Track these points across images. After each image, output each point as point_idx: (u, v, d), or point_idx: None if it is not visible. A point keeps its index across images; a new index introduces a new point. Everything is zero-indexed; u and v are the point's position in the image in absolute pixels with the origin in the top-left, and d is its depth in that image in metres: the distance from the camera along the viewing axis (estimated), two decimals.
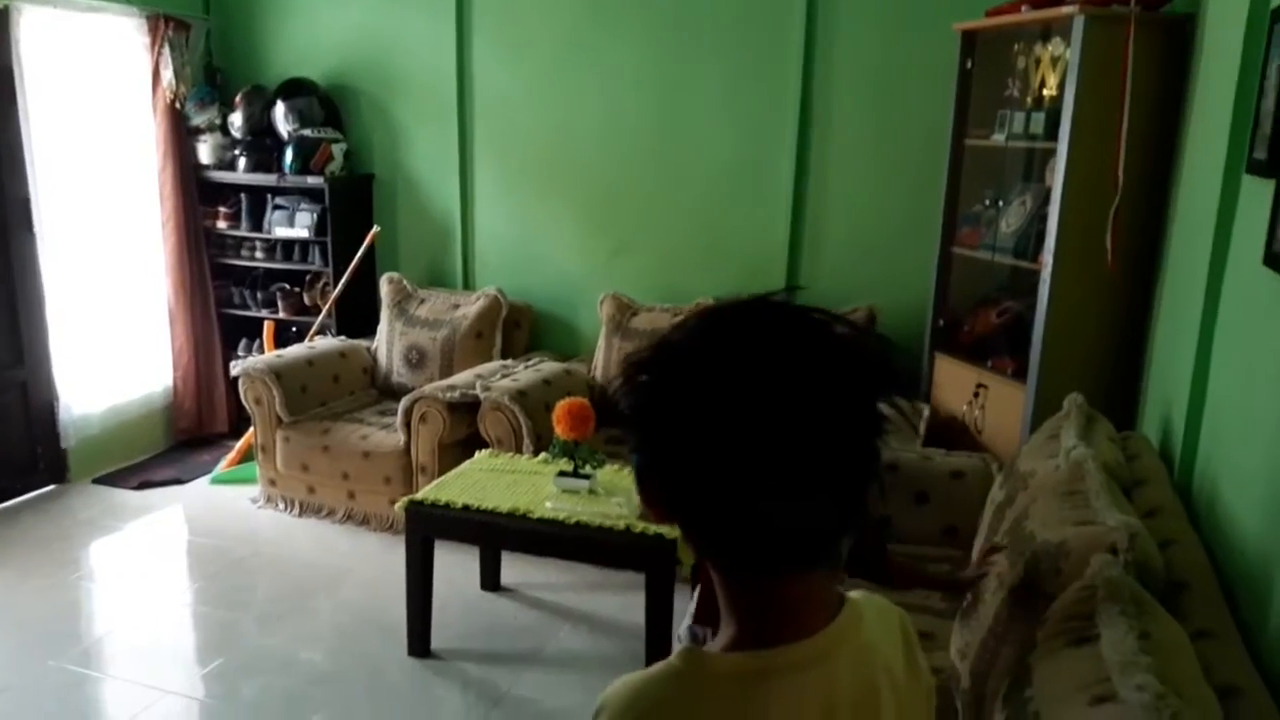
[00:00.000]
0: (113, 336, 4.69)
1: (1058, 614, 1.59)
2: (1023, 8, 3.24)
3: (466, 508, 3.01)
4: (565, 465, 3.15)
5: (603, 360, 4.24)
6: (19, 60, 4.12)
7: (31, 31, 4.17)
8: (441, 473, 3.62)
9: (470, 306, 4.48)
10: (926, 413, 3.60)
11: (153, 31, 4.64)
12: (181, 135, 4.79)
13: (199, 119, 4.85)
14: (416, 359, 4.45)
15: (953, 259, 3.74)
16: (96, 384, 4.60)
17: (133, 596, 3.55)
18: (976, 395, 3.55)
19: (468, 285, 4.83)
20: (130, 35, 4.61)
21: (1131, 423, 3.14)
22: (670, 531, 2.79)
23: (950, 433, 3.61)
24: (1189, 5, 2.98)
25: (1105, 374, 3.25)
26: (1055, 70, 3.22)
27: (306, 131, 4.70)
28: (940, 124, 3.71)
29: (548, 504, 3.01)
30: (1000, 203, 3.58)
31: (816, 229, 4.24)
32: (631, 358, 0.82)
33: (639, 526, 2.84)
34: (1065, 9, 3.03)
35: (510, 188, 4.72)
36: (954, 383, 3.70)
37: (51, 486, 4.45)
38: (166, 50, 4.64)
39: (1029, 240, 3.35)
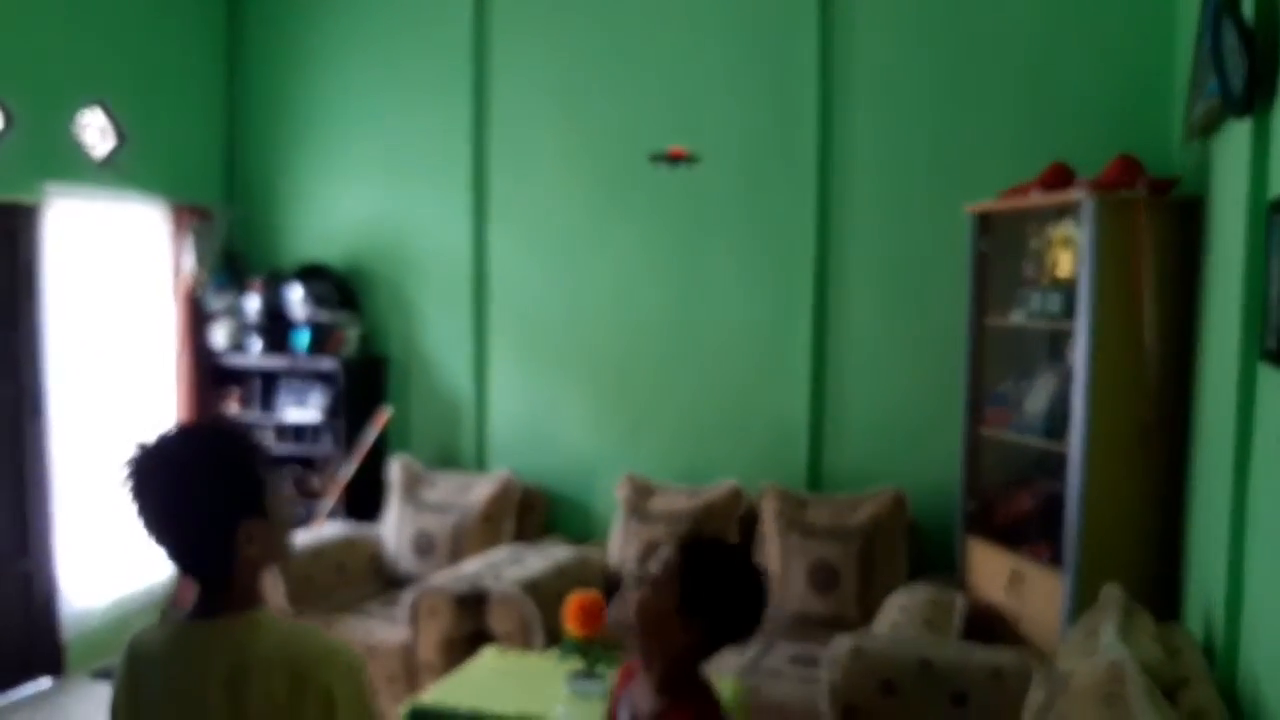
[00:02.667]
0: (119, 526, 4.78)
1: None
2: (1032, 191, 3.42)
3: (473, 714, 2.97)
4: (577, 665, 3.13)
5: (619, 545, 4.26)
6: (43, 253, 4.39)
7: (58, 223, 4.47)
8: (447, 671, 3.61)
9: (482, 489, 4.55)
10: (961, 603, 3.56)
11: (176, 221, 4.94)
12: (198, 321, 5.03)
13: (216, 304, 5.09)
14: (425, 545, 4.49)
15: (980, 440, 3.79)
16: (100, 575, 4.66)
17: None
18: (1013, 583, 3.52)
19: (480, 466, 4.92)
20: (154, 224, 4.92)
21: (1175, 609, 3.10)
22: None
23: (988, 622, 3.56)
24: (1197, 188, 3.13)
25: (1145, 557, 3.24)
26: (1069, 250, 3.36)
27: (322, 315, 4.92)
28: (958, 303, 3.84)
29: (559, 709, 2.97)
30: (1024, 382, 3.66)
31: (838, 408, 4.32)
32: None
33: None
34: (1074, 193, 3.20)
35: (524, 367, 4.88)
36: (989, 568, 3.68)
37: (49, 682, 4.45)
38: (189, 239, 4.94)
39: (1056, 420, 3.40)
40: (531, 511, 4.64)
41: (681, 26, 4.50)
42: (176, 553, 1.49)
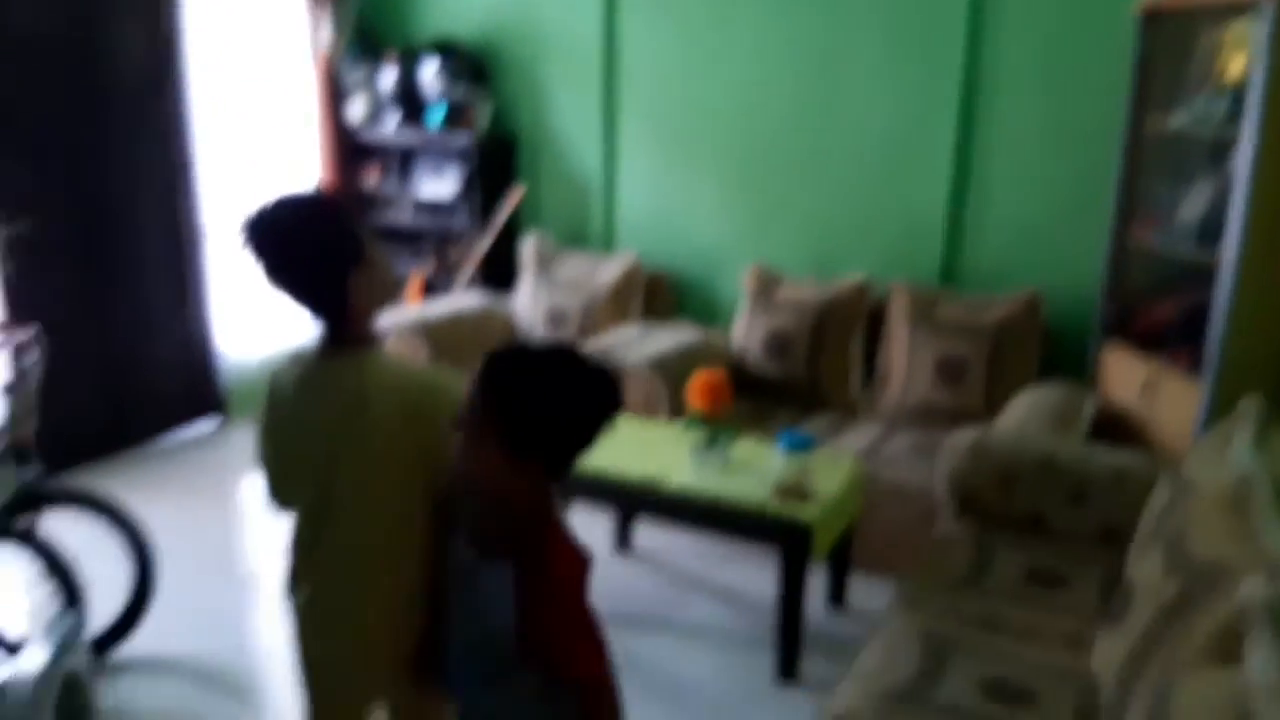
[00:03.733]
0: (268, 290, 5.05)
1: (1207, 633, 1.61)
2: None
3: (601, 473, 3.16)
4: (700, 437, 3.26)
5: (744, 332, 4.33)
6: (183, 24, 4.46)
7: None
8: None
9: (610, 270, 4.64)
10: (1090, 404, 3.55)
11: None
12: (335, 95, 5.10)
13: (351, 78, 5.13)
14: (558, 319, 4.65)
15: (1126, 246, 3.66)
16: (251, 334, 4.99)
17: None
18: (1147, 389, 3.48)
19: (608, 247, 4.99)
20: None
21: None
22: (806, 512, 2.89)
23: (1118, 427, 3.55)
24: None
25: None
26: (1242, 52, 3.10)
27: (455, 91, 4.92)
28: (1116, 103, 3.62)
29: (682, 477, 3.14)
30: (1179, 189, 3.48)
31: (978, 206, 4.19)
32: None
33: (774, 506, 2.94)
34: None
35: (654, 150, 4.83)
36: (1124, 374, 3.64)
37: (215, 422, 4.88)
38: (325, 10, 4.94)
39: (1209, 230, 3.25)
40: (658, 294, 4.73)
41: None
42: (299, 297, 1.69)
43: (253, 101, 4.91)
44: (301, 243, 1.66)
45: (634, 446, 3.37)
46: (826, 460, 3.25)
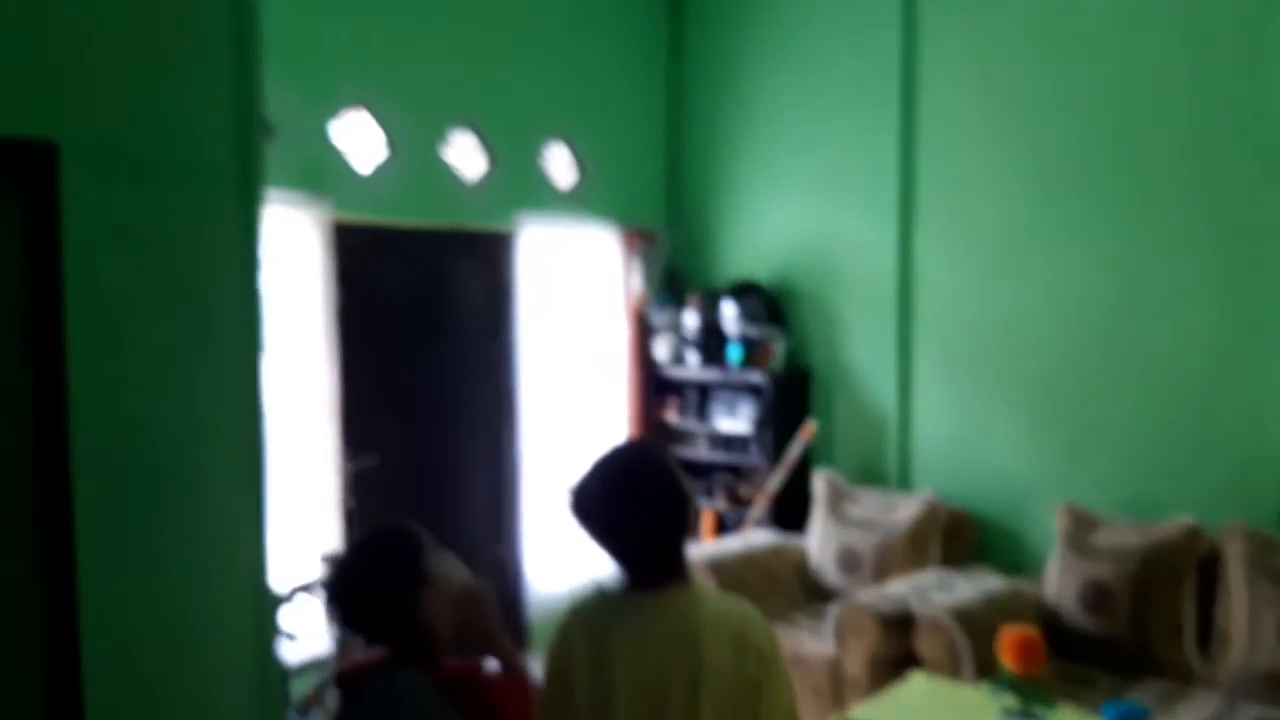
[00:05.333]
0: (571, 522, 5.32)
1: None
2: None
3: None
4: (1011, 703, 2.99)
5: (1056, 581, 4.00)
6: (517, 274, 5.01)
7: (528, 247, 5.08)
8: (872, 689, 3.62)
9: (906, 509, 4.50)
10: None
11: (626, 243, 5.43)
12: (644, 335, 5.49)
13: (659, 320, 5.52)
14: (849, 561, 4.52)
15: None
16: (557, 564, 5.23)
17: None
18: None
19: (903, 485, 4.86)
20: (607, 247, 5.44)
21: None
22: None
23: None
24: None
25: None
26: None
27: (751, 330, 5.14)
28: None
29: None
30: None
31: None
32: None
33: None
34: None
35: (951, 381, 4.75)
36: None
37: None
38: (637, 259, 5.41)
39: None
40: (959, 536, 4.50)
41: (1126, 19, 4.13)
42: (638, 557, 1.80)
43: (572, 340, 5.37)
44: (644, 518, 1.77)
45: (935, 709, 3.15)
46: None
